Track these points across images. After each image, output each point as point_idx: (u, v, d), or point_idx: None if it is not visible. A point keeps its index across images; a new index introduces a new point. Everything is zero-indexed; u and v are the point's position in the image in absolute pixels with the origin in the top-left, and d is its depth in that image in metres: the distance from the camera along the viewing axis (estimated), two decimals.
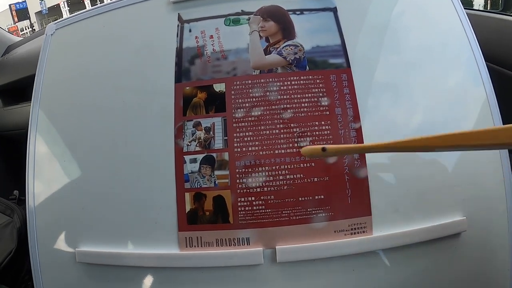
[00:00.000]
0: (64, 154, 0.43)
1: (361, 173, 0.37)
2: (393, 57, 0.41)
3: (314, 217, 0.37)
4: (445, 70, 0.42)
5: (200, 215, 0.37)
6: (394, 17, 0.43)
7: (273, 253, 0.37)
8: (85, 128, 0.43)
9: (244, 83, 0.39)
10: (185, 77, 0.41)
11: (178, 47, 0.42)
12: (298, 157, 0.37)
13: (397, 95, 0.40)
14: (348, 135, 0.38)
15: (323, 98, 0.39)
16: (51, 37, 0.48)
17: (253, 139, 0.38)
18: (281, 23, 0.41)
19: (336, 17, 0.42)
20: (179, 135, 0.39)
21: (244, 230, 0.37)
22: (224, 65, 0.41)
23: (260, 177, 0.37)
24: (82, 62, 0.46)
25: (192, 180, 0.38)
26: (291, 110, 0.38)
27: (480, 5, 0.89)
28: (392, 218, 0.38)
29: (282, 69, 0.40)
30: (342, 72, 0.39)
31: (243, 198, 0.37)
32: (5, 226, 0.59)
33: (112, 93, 0.43)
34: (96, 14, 0.48)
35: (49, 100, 0.45)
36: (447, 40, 0.43)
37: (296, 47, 0.40)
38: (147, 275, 0.39)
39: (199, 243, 0.37)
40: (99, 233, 0.40)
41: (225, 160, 0.38)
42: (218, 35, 0.42)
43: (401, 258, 0.38)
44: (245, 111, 0.39)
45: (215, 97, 0.39)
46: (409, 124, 0.40)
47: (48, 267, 0.42)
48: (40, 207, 0.42)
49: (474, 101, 0.41)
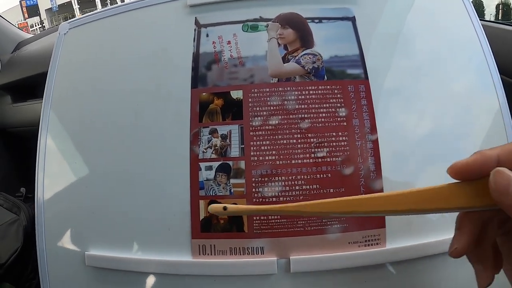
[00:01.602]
0: (75, 156, 0.43)
1: (376, 184, 0.37)
2: (410, 68, 0.41)
3: (329, 228, 0.37)
4: (462, 81, 0.42)
5: (214, 223, 0.37)
6: (411, 28, 0.43)
7: (287, 263, 0.36)
8: (97, 130, 0.43)
9: (262, 91, 0.39)
10: (201, 83, 0.40)
11: (194, 52, 0.42)
12: (314, 168, 0.37)
13: (414, 107, 0.40)
14: (365, 147, 0.38)
15: (341, 109, 0.38)
16: (64, 36, 0.48)
17: (270, 148, 0.38)
18: (300, 31, 0.41)
19: (354, 27, 0.41)
20: (194, 141, 0.39)
21: (259, 240, 0.37)
22: (241, 72, 0.40)
23: (276, 187, 0.37)
24: (95, 63, 0.45)
25: (207, 188, 0.38)
26: (309, 120, 0.38)
27: (492, 14, 0.89)
28: (405, 230, 0.37)
29: (300, 78, 0.40)
30: (360, 83, 0.39)
31: None
32: (11, 223, 0.59)
33: (126, 96, 0.42)
34: (110, 15, 0.47)
35: (61, 100, 0.45)
36: (463, 51, 0.43)
37: (315, 56, 0.40)
38: (158, 282, 0.38)
39: (213, 251, 0.37)
40: (109, 237, 0.40)
41: (241, 168, 0.37)
42: (236, 41, 0.41)
43: (414, 271, 0.38)
44: (263, 119, 0.38)
45: (232, 104, 0.39)
46: (427, 136, 0.39)
47: (56, 268, 0.41)
48: (49, 209, 0.42)
49: (490, 112, 0.41)
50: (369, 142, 0.38)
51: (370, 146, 0.38)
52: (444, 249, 0.37)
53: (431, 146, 0.39)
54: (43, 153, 0.43)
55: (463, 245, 0.23)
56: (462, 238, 0.23)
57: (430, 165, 0.39)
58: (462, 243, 0.23)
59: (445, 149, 0.39)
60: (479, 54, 0.42)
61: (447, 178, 0.38)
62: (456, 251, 0.23)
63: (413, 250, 0.37)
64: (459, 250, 0.23)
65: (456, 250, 0.23)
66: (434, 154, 0.39)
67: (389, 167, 0.38)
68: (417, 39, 0.42)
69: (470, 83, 0.42)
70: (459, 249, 0.23)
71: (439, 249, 0.37)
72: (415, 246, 0.37)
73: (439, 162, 0.39)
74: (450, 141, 0.40)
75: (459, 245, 0.23)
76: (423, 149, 0.39)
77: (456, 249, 0.23)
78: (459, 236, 0.23)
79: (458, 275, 0.38)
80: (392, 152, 0.38)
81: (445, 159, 0.39)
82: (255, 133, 0.38)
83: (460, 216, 0.24)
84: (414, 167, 0.39)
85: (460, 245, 0.23)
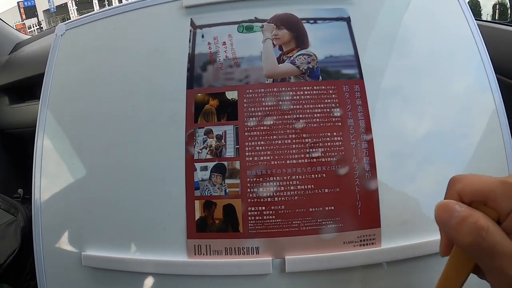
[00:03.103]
0: (71, 157, 0.43)
1: (371, 184, 0.37)
2: (405, 68, 0.41)
3: (324, 228, 0.37)
4: (457, 81, 0.42)
5: (209, 223, 0.37)
6: (406, 28, 0.43)
7: (282, 263, 0.37)
8: (93, 131, 0.43)
9: (257, 92, 0.39)
10: (197, 84, 0.41)
11: (190, 53, 0.42)
12: (309, 168, 0.37)
13: (410, 107, 0.40)
14: (360, 147, 0.38)
15: (336, 109, 0.38)
16: (61, 37, 0.48)
17: (265, 149, 0.38)
18: (295, 32, 0.41)
19: (349, 27, 0.42)
20: (190, 142, 0.39)
21: (254, 240, 0.37)
22: (236, 72, 0.40)
23: (271, 187, 0.37)
24: (92, 64, 0.45)
25: (203, 188, 0.38)
26: (304, 120, 0.38)
27: (489, 14, 0.89)
28: (400, 230, 0.38)
29: (295, 78, 0.40)
30: (355, 83, 0.39)
31: (254, 208, 0.37)
32: (8, 224, 0.59)
33: (122, 97, 0.43)
34: (107, 16, 0.47)
35: (58, 101, 0.45)
36: (459, 51, 0.43)
37: (310, 57, 0.40)
38: (154, 282, 0.39)
39: (208, 251, 0.37)
40: (106, 237, 0.40)
41: (236, 168, 0.38)
42: (231, 42, 0.42)
43: (409, 271, 0.38)
44: (258, 120, 0.38)
45: (227, 105, 0.39)
46: (422, 136, 0.40)
47: (53, 269, 0.41)
48: (46, 210, 0.42)
49: (486, 112, 0.41)
50: (364, 142, 0.38)
51: (365, 146, 0.38)
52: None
53: (426, 146, 0.39)
54: (40, 154, 0.44)
55: (442, 248, 0.24)
56: (442, 241, 0.24)
57: (425, 165, 0.39)
58: (441, 246, 0.24)
59: (440, 149, 0.39)
60: (475, 54, 0.43)
61: (443, 178, 0.39)
62: (441, 252, 0.24)
63: (409, 250, 0.37)
64: (442, 252, 0.24)
65: (441, 252, 0.24)
66: (429, 154, 0.39)
67: (384, 167, 0.38)
68: (412, 39, 0.42)
69: (466, 83, 0.42)
70: (441, 252, 0.24)
71: (434, 249, 0.36)
72: (410, 246, 0.37)
73: (434, 162, 0.39)
74: (445, 141, 0.40)
75: (440, 249, 0.24)
76: (418, 149, 0.39)
77: (440, 252, 0.24)
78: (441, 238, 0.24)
79: None
80: (387, 152, 0.38)
81: (440, 159, 0.39)
82: (250, 133, 0.38)
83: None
84: (409, 167, 0.39)
85: (441, 248, 0.24)
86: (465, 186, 0.22)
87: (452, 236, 0.21)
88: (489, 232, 0.20)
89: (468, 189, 0.22)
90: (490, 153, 0.40)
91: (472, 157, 0.40)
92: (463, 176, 0.23)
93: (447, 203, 0.21)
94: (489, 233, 0.20)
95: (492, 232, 0.20)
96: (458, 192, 0.22)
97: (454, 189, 0.22)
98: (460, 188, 0.22)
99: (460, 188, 0.22)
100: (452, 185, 0.23)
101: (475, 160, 0.40)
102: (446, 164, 0.39)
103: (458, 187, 0.22)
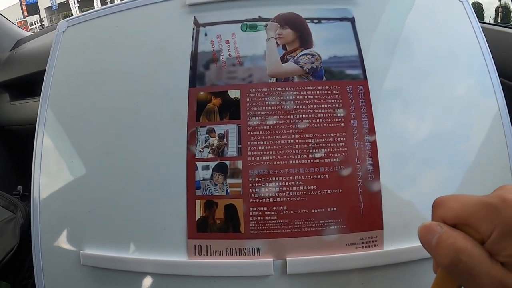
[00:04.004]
0: (71, 155, 0.42)
1: (374, 186, 0.37)
2: (409, 69, 0.41)
3: (326, 230, 0.36)
4: (461, 83, 0.42)
5: (210, 223, 0.37)
6: (410, 30, 0.43)
7: (283, 265, 0.36)
8: (94, 129, 0.42)
9: (260, 91, 0.39)
10: (199, 82, 0.40)
11: (193, 51, 0.41)
12: (312, 168, 0.37)
13: (413, 108, 0.40)
14: (363, 148, 0.37)
15: (339, 109, 0.38)
16: (63, 34, 0.48)
17: (267, 148, 0.37)
18: (299, 31, 0.41)
19: (353, 28, 0.41)
20: (191, 141, 0.39)
21: (255, 240, 0.36)
22: (239, 71, 0.40)
23: (273, 187, 0.37)
24: (93, 61, 0.45)
25: (204, 188, 0.37)
26: (307, 120, 0.38)
27: (491, 17, 0.89)
28: (403, 232, 0.37)
29: (299, 78, 0.39)
30: (358, 84, 0.39)
31: (255, 208, 0.36)
32: (8, 221, 0.59)
33: (123, 95, 0.42)
34: (109, 13, 0.47)
35: (58, 99, 0.45)
36: (462, 53, 0.43)
37: (313, 56, 0.40)
38: (153, 281, 0.38)
39: (209, 251, 0.37)
40: (105, 236, 0.40)
41: (238, 168, 0.37)
42: (234, 41, 0.41)
43: (411, 273, 0.37)
44: (260, 119, 0.38)
45: (230, 104, 0.39)
46: (425, 137, 0.39)
47: (51, 267, 0.41)
48: (45, 208, 0.42)
49: (489, 114, 0.41)
50: (367, 143, 0.38)
51: (368, 147, 0.38)
52: None
53: (430, 148, 0.39)
54: (40, 151, 0.43)
55: (434, 265, 0.25)
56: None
57: (428, 166, 0.39)
58: (433, 263, 0.25)
59: (443, 151, 0.39)
60: (478, 56, 0.42)
61: (446, 180, 0.39)
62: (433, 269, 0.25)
63: (411, 253, 0.37)
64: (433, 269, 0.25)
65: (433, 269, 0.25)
66: (433, 156, 0.39)
67: (387, 168, 0.38)
68: (417, 40, 0.42)
69: (470, 85, 0.42)
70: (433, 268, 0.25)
71: None
72: (412, 248, 0.36)
73: (437, 164, 0.39)
74: (449, 143, 0.39)
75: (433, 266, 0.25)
76: (421, 151, 0.39)
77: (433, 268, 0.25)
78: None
79: None
80: (391, 153, 0.38)
81: (444, 161, 0.39)
82: (252, 133, 0.38)
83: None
84: (412, 169, 0.39)
85: (433, 265, 0.25)
86: (446, 211, 0.22)
87: (433, 257, 0.22)
88: (467, 253, 0.20)
89: (449, 215, 0.22)
90: (493, 155, 0.40)
91: (475, 159, 0.39)
92: (444, 199, 0.23)
93: (430, 224, 0.22)
94: (467, 255, 0.20)
95: (470, 253, 0.20)
96: (441, 217, 0.22)
97: (437, 214, 0.23)
98: (442, 213, 0.22)
99: (442, 213, 0.22)
100: (434, 210, 0.23)
101: (478, 162, 0.39)
102: (449, 166, 0.39)
103: (440, 212, 0.23)
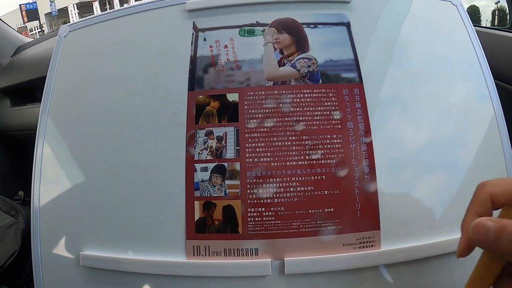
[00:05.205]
0: (71, 158, 0.43)
1: (371, 187, 0.38)
2: (404, 73, 0.42)
3: (323, 230, 0.37)
4: (456, 87, 0.42)
5: (209, 224, 0.37)
6: (405, 33, 0.43)
7: (281, 265, 0.37)
8: (94, 132, 0.43)
9: (258, 94, 0.40)
10: (198, 85, 0.41)
11: (192, 55, 0.42)
12: (309, 170, 0.37)
13: (408, 111, 0.40)
14: (359, 149, 0.38)
15: (335, 112, 0.39)
16: (64, 38, 0.49)
17: (265, 150, 0.38)
18: (295, 36, 0.42)
19: (349, 32, 0.42)
20: (190, 143, 0.39)
21: (253, 241, 0.37)
22: (237, 75, 0.41)
23: (270, 188, 0.37)
24: (94, 66, 0.46)
25: (202, 189, 0.38)
26: (304, 123, 0.38)
27: (488, 20, 0.90)
28: (400, 232, 0.38)
29: (296, 82, 0.40)
30: (354, 87, 0.40)
31: (253, 209, 0.37)
32: (9, 226, 0.59)
33: (123, 99, 0.43)
34: (110, 18, 0.48)
35: (59, 103, 0.45)
36: (457, 57, 0.43)
37: (310, 60, 0.41)
38: (152, 282, 0.38)
39: (207, 252, 0.37)
40: (104, 237, 0.40)
41: (236, 170, 0.38)
42: (232, 45, 0.42)
43: (409, 273, 0.38)
44: (258, 121, 0.39)
45: (228, 107, 0.40)
46: (421, 139, 0.40)
47: (50, 269, 0.41)
48: (45, 210, 0.42)
49: (484, 118, 0.41)
50: (363, 144, 0.38)
51: (365, 149, 0.38)
52: (439, 252, 0.37)
53: (425, 149, 0.40)
54: (40, 154, 0.44)
55: (460, 249, 0.24)
56: (461, 243, 0.24)
57: (424, 167, 0.39)
58: (460, 247, 0.24)
59: (439, 151, 0.40)
60: (473, 60, 0.43)
61: (442, 180, 0.39)
62: (458, 253, 0.24)
63: (408, 252, 0.37)
64: (458, 253, 0.24)
65: (458, 253, 0.24)
66: (428, 157, 0.39)
67: (383, 169, 0.38)
68: (412, 44, 0.43)
69: (465, 88, 0.43)
70: (458, 253, 0.24)
71: (434, 252, 0.37)
72: (410, 248, 0.37)
73: (433, 165, 0.39)
74: (444, 145, 0.40)
75: (458, 249, 0.24)
76: (417, 152, 0.39)
77: (458, 252, 0.24)
78: (461, 240, 0.24)
79: (453, 277, 0.38)
80: (387, 154, 0.39)
81: (440, 161, 0.40)
82: (250, 135, 0.38)
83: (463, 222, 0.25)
84: (408, 170, 0.39)
85: (459, 248, 0.24)
86: (495, 187, 0.22)
87: (494, 252, 0.21)
88: None
89: (498, 190, 0.22)
90: (489, 158, 0.40)
91: (471, 161, 0.40)
92: (490, 180, 0.23)
93: (480, 221, 0.21)
94: None
95: None
96: (489, 193, 0.22)
97: (484, 191, 0.23)
98: (490, 189, 0.22)
99: (491, 189, 0.22)
100: (480, 189, 0.23)
101: (474, 164, 0.40)
102: (445, 167, 0.40)
103: (489, 189, 0.22)
